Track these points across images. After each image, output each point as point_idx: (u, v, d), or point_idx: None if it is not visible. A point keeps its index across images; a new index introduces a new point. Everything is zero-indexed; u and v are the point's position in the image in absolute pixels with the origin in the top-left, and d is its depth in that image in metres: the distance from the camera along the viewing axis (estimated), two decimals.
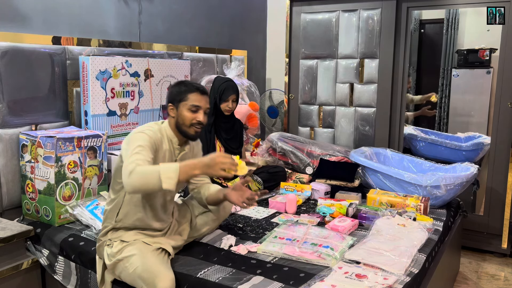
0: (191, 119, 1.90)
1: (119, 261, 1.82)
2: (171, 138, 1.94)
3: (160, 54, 3.09)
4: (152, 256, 1.79)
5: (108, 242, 1.89)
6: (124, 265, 1.80)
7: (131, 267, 1.78)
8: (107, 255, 1.87)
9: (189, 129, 1.92)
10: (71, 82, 2.58)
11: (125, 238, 1.87)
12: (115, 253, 1.84)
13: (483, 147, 3.53)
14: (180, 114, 1.91)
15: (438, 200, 2.65)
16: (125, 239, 1.87)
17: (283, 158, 3.31)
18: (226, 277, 1.75)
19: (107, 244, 1.89)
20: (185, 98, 1.91)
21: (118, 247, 1.85)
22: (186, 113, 1.90)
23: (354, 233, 2.21)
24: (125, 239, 1.87)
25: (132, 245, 1.84)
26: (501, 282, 2.91)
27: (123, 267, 1.81)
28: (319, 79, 3.79)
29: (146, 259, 1.76)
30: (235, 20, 3.95)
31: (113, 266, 1.84)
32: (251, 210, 2.54)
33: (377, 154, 3.18)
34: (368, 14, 3.53)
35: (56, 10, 2.54)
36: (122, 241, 1.86)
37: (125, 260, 1.80)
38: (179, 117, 1.91)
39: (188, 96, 1.91)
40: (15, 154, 2.34)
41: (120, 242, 1.86)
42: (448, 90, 4.10)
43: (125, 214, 1.88)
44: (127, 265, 1.79)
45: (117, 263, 1.83)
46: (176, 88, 1.95)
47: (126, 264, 1.80)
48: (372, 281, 1.67)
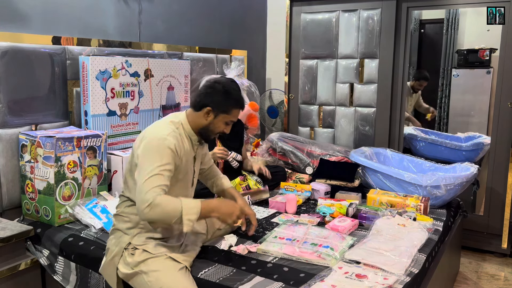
0: (222, 129, 1.90)
1: (142, 273, 1.72)
2: (191, 135, 1.87)
3: (160, 54, 3.09)
4: (181, 275, 1.69)
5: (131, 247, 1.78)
6: (147, 279, 1.70)
7: (156, 284, 1.67)
8: (126, 263, 1.76)
9: (213, 136, 1.92)
10: (71, 82, 2.57)
11: (149, 249, 1.76)
12: (138, 263, 1.73)
13: (483, 147, 3.53)
14: (215, 123, 1.87)
15: (438, 200, 2.65)
16: (149, 250, 1.76)
17: (283, 158, 3.31)
18: (226, 277, 1.75)
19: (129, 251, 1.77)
20: (229, 112, 1.86)
21: (141, 257, 1.74)
22: (221, 124, 1.88)
23: (354, 233, 2.21)
24: (149, 250, 1.76)
25: (158, 259, 1.73)
26: (501, 282, 2.91)
27: (146, 281, 1.70)
28: (319, 79, 3.79)
29: (174, 278, 1.67)
30: (235, 20, 3.95)
31: (132, 276, 1.75)
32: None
33: (377, 154, 3.18)
34: (368, 14, 3.53)
35: (56, 10, 2.54)
36: (145, 251, 1.76)
37: (149, 274, 1.70)
38: (212, 125, 1.87)
39: (232, 111, 1.87)
40: (15, 154, 2.34)
41: (143, 252, 1.75)
42: (448, 90, 4.10)
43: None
44: (151, 280, 1.69)
45: (138, 274, 1.73)
46: (222, 95, 1.84)
47: (149, 278, 1.69)
48: (372, 281, 1.67)
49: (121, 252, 1.79)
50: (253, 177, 2.86)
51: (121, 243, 1.80)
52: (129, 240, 1.79)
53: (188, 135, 1.87)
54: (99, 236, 2.12)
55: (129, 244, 1.79)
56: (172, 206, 1.64)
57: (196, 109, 1.87)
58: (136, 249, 1.77)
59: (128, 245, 1.79)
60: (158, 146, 1.71)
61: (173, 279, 1.67)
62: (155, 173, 1.66)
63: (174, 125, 1.83)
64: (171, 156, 1.72)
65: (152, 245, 1.78)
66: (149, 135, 1.77)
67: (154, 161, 1.68)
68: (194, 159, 1.92)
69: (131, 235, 1.80)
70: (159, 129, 1.78)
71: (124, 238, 1.81)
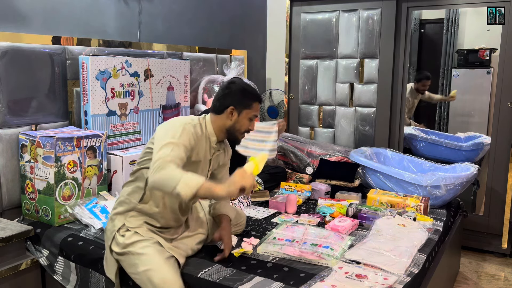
0: (248, 126, 1.93)
1: (130, 254, 1.77)
2: (210, 136, 1.90)
3: (160, 54, 3.09)
4: (167, 262, 1.74)
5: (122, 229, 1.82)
6: (134, 261, 1.75)
7: (142, 266, 1.73)
8: (117, 243, 1.81)
9: (241, 135, 1.94)
10: (71, 82, 2.57)
11: (140, 231, 1.81)
12: (127, 244, 1.78)
13: (483, 147, 3.53)
14: (240, 120, 1.90)
15: (438, 200, 2.65)
16: (140, 232, 1.81)
17: (283, 158, 3.31)
18: (226, 277, 1.75)
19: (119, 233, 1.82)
20: (250, 106, 1.90)
21: (131, 239, 1.79)
22: (246, 121, 1.91)
23: (354, 233, 2.21)
24: (140, 232, 1.81)
25: (147, 242, 1.78)
26: (501, 282, 2.91)
27: (133, 262, 1.76)
28: (319, 79, 3.79)
29: (160, 264, 1.72)
30: (235, 20, 3.95)
31: (121, 255, 1.80)
32: (251, 210, 2.54)
33: (377, 154, 3.18)
34: (368, 14, 3.53)
35: (56, 10, 2.54)
36: (136, 233, 1.81)
37: (136, 256, 1.75)
38: (238, 123, 1.90)
39: (253, 105, 1.91)
40: (14, 154, 2.34)
41: (135, 234, 1.81)
42: (448, 90, 4.11)
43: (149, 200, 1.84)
44: (137, 262, 1.74)
45: (126, 254, 1.78)
46: (241, 92, 1.90)
47: (136, 260, 1.75)
48: (372, 281, 1.67)
49: (113, 234, 1.84)
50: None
51: (114, 226, 1.85)
52: (123, 221, 1.84)
53: (209, 135, 1.90)
54: (99, 236, 2.12)
55: (123, 225, 1.84)
56: (175, 173, 1.60)
57: (219, 112, 1.90)
58: (128, 231, 1.82)
59: (123, 226, 1.84)
60: (176, 127, 1.75)
61: (157, 264, 1.71)
62: (173, 141, 1.69)
63: (198, 120, 1.89)
64: (187, 141, 1.75)
65: (144, 229, 1.83)
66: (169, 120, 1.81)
67: (173, 134, 1.72)
68: (209, 162, 1.93)
69: (126, 217, 1.85)
70: (178, 118, 1.84)
71: (117, 221, 1.85)
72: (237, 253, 1.92)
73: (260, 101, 1.96)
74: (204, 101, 3.42)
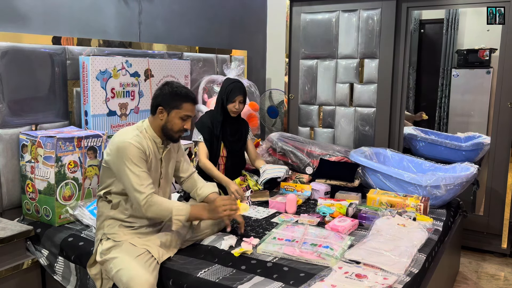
0: (181, 126, 1.97)
1: (106, 261, 1.87)
2: (154, 139, 1.98)
3: (160, 54, 3.09)
4: (135, 259, 1.81)
5: (103, 237, 1.92)
6: (109, 266, 1.85)
7: (114, 268, 1.81)
8: (99, 252, 1.91)
9: (175, 134, 1.98)
10: (71, 82, 2.58)
11: (117, 238, 1.90)
12: (105, 251, 1.88)
13: (483, 147, 3.53)
14: (170, 120, 1.95)
15: (438, 200, 2.65)
16: (116, 238, 1.90)
17: (283, 158, 3.31)
18: (226, 277, 1.75)
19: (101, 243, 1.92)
20: (179, 106, 1.95)
21: (107, 246, 1.89)
22: (177, 120, 1.96)
23: (354, 233, 2.21)
24: (116, 238, 1.90)
25: (119, 247, 1.87)
26: (501, 282, 2.91)
27: (109, 267, 1.85)
28: (319, 79, 3.79)
29: (127, 262, 1.80)
30: (235, 20, 3.95)
31: (102, 264, 1.89)
32: (251, 210, 2.54)
33: (377, 154, 3.18)
34: (368, 14, 3.54)
35: (56, 10, 2.54)
36: (114, 240, 1.90)
37: (110, 261, 1.85)
38: (169, 123, 1.96)
39: (182, 105, 1.95)
40: (15, 154, 2.34)
41: (111, 241, 1.90)
42: (448, 90, 4.11)
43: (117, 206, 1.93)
44: (111, 266, 1.83)
45: (105, 262, 1.87)
46: (169, 93, 1.95)
47: (110, 265, 1.84)
48: (372, 281, 1.67)
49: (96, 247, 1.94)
50: (253, 177, 2.86)
51: (97, 240, 1.96)
52: (103, 232, 1.94)
53: (152, 138, 1.97)
54: None
55: (103, 234, 1.93)
56: (165, 206, 1.86)
57: (152, 112, 1.99)
58: (108, 239, 1.91)
59: (103, 235, 1.93)
60: (126, 149, 1.84)
61: (126, 263, 1.79)
62: (136, 171, 1.83)
63: (138, 129, 1.96)
64: (139, 157, 1.86)
65: (121, 234, 1.91)
66: (116, 141, 1.88)
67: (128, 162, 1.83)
68: (160, 161, 2.01)
69: (104, 226, 1.94)
70: (124, 135, 1.90)
71: (99, 234, 1.95)
72: (237, 253, 1.93)
73: (192, 101, 1.98)
74: (204, 101, 3.42)
